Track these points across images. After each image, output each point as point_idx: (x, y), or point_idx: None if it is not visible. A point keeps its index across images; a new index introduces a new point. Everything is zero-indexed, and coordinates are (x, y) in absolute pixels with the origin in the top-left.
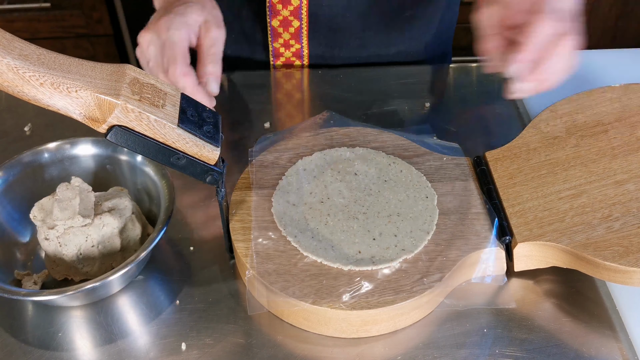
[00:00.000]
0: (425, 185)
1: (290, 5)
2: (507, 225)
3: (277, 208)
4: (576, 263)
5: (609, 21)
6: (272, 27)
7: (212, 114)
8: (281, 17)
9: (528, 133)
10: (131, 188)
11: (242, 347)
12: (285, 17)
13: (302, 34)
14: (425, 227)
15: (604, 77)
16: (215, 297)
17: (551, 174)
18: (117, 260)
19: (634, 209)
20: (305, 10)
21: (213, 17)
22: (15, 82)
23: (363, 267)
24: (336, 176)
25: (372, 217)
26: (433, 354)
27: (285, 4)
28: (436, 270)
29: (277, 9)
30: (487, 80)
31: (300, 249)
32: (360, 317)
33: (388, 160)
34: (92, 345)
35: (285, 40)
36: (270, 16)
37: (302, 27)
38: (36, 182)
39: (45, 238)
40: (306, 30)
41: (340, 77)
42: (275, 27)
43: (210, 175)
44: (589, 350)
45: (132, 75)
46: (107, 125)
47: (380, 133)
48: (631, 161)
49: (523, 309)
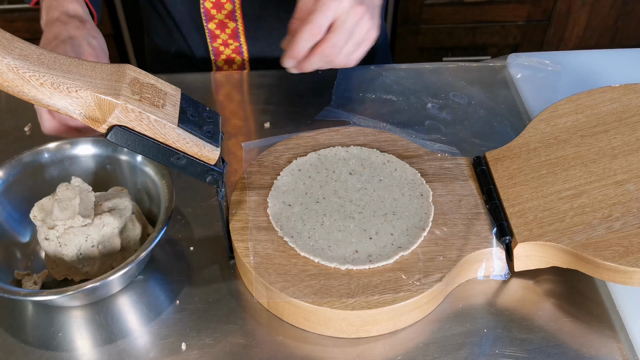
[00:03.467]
0: (420, 182)
1: (224, 10)
2: (507, 225)
3: (273, 209)
4: (576, 263)
5: (609, 21)
6: (210, 30)
7: (212, 114)
8: (217, 20)
9: (528, 133)
10: (131, 188)
11: (242, 347)
12: (221, 20)
13: (238, 33)
14: (421, 225)
15: (604, 77)
16: (215, 297)
17: (551, 174)
18: (117, 260)
19: (634, 209)
20: (240, 12)
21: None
22: (15, 82)
23: (360, 266)
24: (331, 176)
25: (368, 217)
26: (433, 354)
27: (220, 9)
28: (436, 270)
29: (212, 14)
30: (487, 80)
31: (297, 249)
32: (360, 317)
33: (382, 159)
34: (92, 345)
35: (223, 40)
36: (206, 20)
37: (237, 27)
38: (36, 182)
39: (45, 238)
40: (242, 29)
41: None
42: (213, 29)
43: (211, 175)
44: (589, 350)
45: (132, 75)
46: (107, 125)
47: (381, 133)
48: (631, 161)
49: (523, 309)
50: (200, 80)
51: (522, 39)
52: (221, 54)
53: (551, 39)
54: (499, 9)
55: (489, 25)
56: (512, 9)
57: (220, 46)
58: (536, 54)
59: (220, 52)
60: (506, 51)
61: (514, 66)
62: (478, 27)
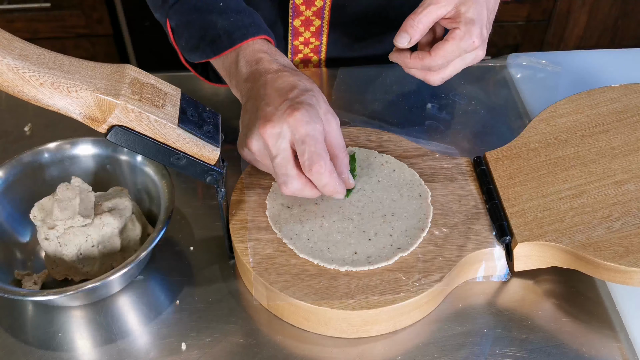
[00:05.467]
0: (419, 183)
1: (314, 6)
2: (507, 225)
3: (271, 210)
4: (576, 263)
5: (609, 21)
6: (294, 27)
7: (212, 114)
8: (303, 17)
9: (528, 133)
10: (131, 188)
11: (242, 347)
12: (308, 17)
13: (322, 32)
14: (420, 225)
15: (604, 77)
16: (215, 297)
17: (551, 174)
18: (117, 260)
19: (634, 209)
20: (328, 10)
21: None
22: (15, 82)
23: (359, 268)
24: None
25: (366, 218)
26: (433, 354)
27: (309, 5)
28: (436, 270)
29: (301, 10)
30: (487, 80)
31: (296, 251)
32: (360, 317)
33: (381, 160)
34: (92, 345)
35: (305, 39)
36: (292, 17)
37: (322, 26)
38: (36, 182)
39: (45, 238)
40: (327, 29)
41: (343, 75)
42: (297, 26)
43: (211, 175)
44: (589, 350)
45: (132, 75)
46: (107, 125)
47: (381, 133)
48: (631, 161)
49: (523, 309)
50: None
51: (522, 39)
52: (299, 52)
53: (551, 39)
54: (499, 9)
55: None
56: (512, 9)
57: (300, 44)
58: (536, 54)
59: (299, 51)
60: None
61: (514, 66)
62: None
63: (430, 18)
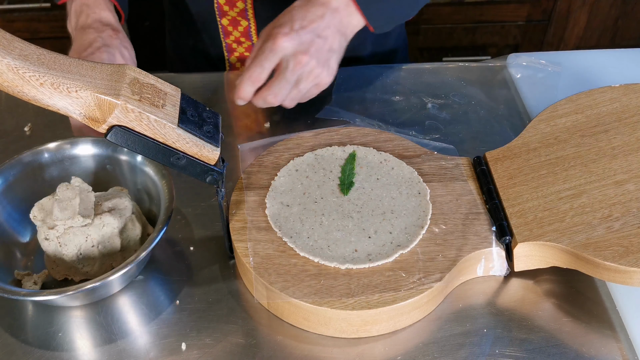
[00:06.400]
0: (417, 181)
1: (236, 7)
2: (507, 225)
3: (271, 209)
4: (576, 263)
5: (609, 21)
6: (223, 26)
7: (212, 114)
8: (230, 17)
9: (528, 133)
10: (131, 188)
11: (242, 347)
12: (234, 17)
13: (250, 32)
14: (419, 223)
15: (604, 77)
16: (215, 297)
17: (551, 174)
18: (117, 260)
19: (634, 209)
20: (251, 10)
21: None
22: (15, 82)
23: (360, 265)
24: (329, 175)
25: (366, 215)
26: (433, 354)
27: (232, 6)
28: (436, 270)
29: (224, 10)
30: (487, 80)
31: (296, 249)
32: (360, 317)
33: (379, 158)
34: (92, 345)
35: (236, 37)
36: (219, 15)
37: (250, 26)
38: (36, 182)
39: (45, 238)
40: (254, 28)
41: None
42: (225, 25)
43: (210, 175)
44: (589, 350)
45: (132, 75)
46: (107, 125)
47: (380, 133)
48: (631, 161)
49: (523, 309)
50: (208, 79)
51: (522, 39)
52: (234, 51)
53: (551, 39)
54: (499, 9)
55: (489, 26)
56: (512, 9)
57: (233, 43)
58: (536, 54)
59: (234, 50)
60: (506, 51)
61: (514, 66)
62: (478, 27)
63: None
